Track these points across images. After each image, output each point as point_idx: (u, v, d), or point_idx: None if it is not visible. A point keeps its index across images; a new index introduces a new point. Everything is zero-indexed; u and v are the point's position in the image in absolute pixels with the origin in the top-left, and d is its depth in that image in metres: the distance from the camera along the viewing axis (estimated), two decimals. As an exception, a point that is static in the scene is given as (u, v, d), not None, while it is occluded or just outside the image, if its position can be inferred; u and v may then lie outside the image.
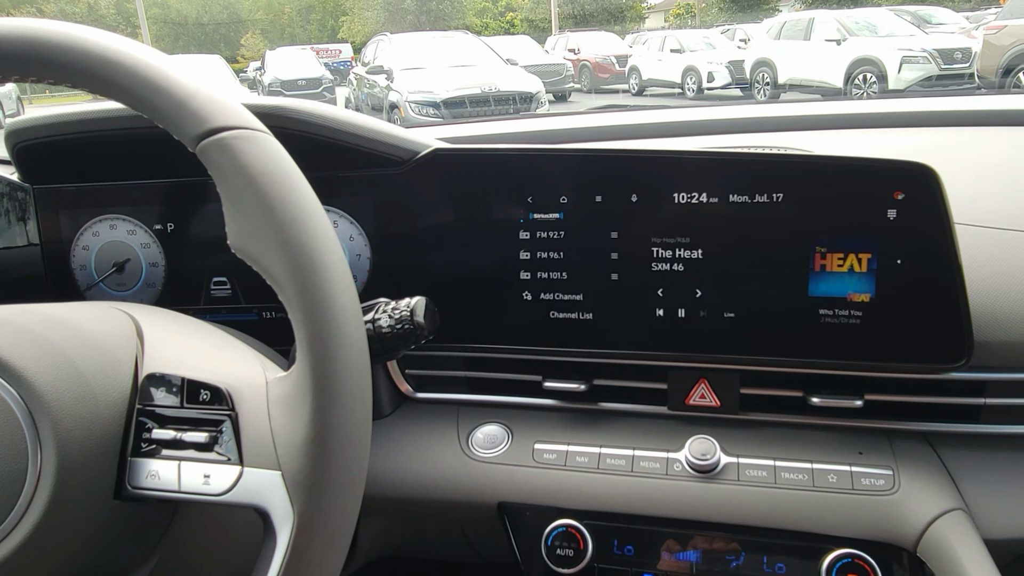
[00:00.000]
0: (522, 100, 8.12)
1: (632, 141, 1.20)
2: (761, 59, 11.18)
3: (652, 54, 13.61)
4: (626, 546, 0.75)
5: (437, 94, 7.93)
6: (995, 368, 0.71)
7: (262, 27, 38.19)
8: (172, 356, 0.55)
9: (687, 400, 0.79)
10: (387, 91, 8.50)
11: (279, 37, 35.54)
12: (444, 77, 8.20)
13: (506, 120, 1.38)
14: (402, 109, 8.01)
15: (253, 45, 33.78)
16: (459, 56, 9.05)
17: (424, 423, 0.85)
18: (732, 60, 12.04)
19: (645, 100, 13.06)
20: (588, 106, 11.39)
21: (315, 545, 0.46)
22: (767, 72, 10.99)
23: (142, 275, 0.88)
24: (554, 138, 1.22)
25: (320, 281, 0.47)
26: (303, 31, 38.14)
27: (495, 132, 1.27)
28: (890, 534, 0.69)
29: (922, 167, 0.66)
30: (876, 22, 9.98)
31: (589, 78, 15.11)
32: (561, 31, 19.24)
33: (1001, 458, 0.73)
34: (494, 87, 8.12)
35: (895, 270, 0.69)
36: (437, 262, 0.82)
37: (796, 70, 10.44)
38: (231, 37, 36.42)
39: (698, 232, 0.74)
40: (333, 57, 23.27)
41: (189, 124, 0.49)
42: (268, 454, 0.47)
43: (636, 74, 13.94)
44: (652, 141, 1.20)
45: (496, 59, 9.18)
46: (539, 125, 1.31)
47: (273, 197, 0.48)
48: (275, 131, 0.52)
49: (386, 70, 8.75)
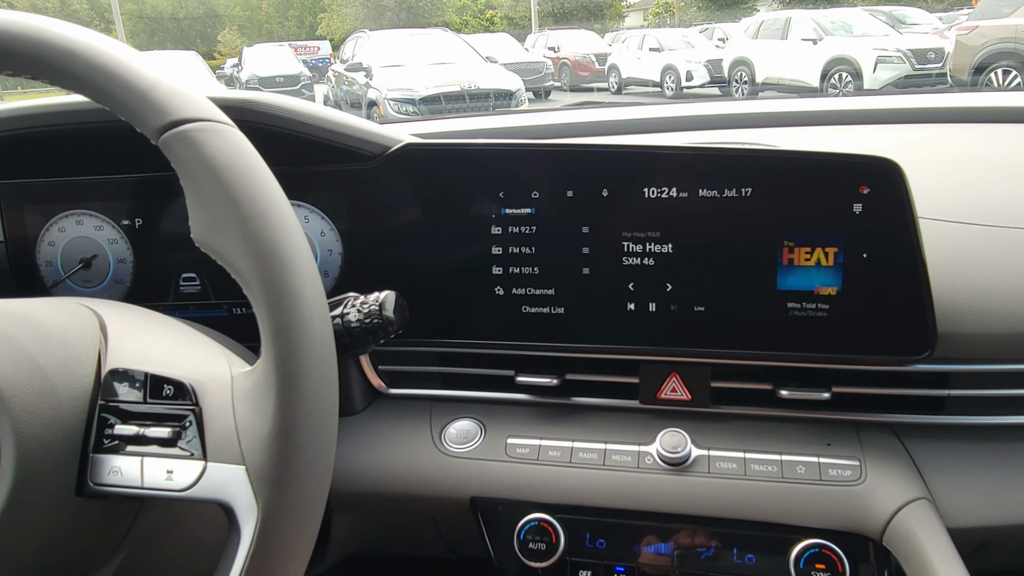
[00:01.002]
0: (502, 98, 8.12)
1: (608, 137, 1.21)
2: (739, 58, 11.26)
3: (631, 53, 13.66)
4: (598, 539, 0.75)
5: (416, 92, 7.90)
6: (958, 360, 0.72)
7: (239, 23, 37.80)
8: (136, 351, 0.54)
9: (659, 394, 0.80)
10: (366, 89, 8.46)
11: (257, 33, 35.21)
12: (423, 75, 8.17)
13: (482, 116, 1.38)
14: (381, 107, 7.97)
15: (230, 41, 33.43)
16: (438, 54, 9.03)
17: (397, 419, 0.85)
18: (710, 59, 12.12)
19: (624, 98, 13.11)
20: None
21: (280, 540, 0.45)
22: (745, 71, 11.08)
23: (110, 271, 0.87)
24: (530, 134, 1.23)
25: (285, 275, 0.47)
26: (281, 27, 37.80)
27: (471, 128, 1.27)
28: (856, 524, 0.70)
29: (887, 162, 0.67)
30: (852, 22, 10.11)
31: (569, 76, 15.13)
32: (541, 29, 19.24)
33: (965, 448, 0.74)
34: (474, 85, 8.11)
35: (861, 264, 0.70)
36: (409, 257, 0.82)
37: (773, 69, 10.54)
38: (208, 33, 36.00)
39: (668, 226, 0.74)
40: (311, 54, 23.09)
41: (151, 116, 0.49)
42: (232, 449, 0.47)
43: (616, 72, 13.99)
44: (627, 137, 1.20)
45: (476, 57, 9.17)
46: (516, 121, 1.31)
47: (237, 190, 0.48)
48: (243, 125, 0.52)
49: (365, 67, 8.71)
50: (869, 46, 9.28)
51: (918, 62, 8.98)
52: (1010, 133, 1.11)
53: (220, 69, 19.33)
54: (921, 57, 9.00)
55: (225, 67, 19.53)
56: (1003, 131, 1.12)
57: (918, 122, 1.19)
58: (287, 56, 15.06)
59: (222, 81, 15.26)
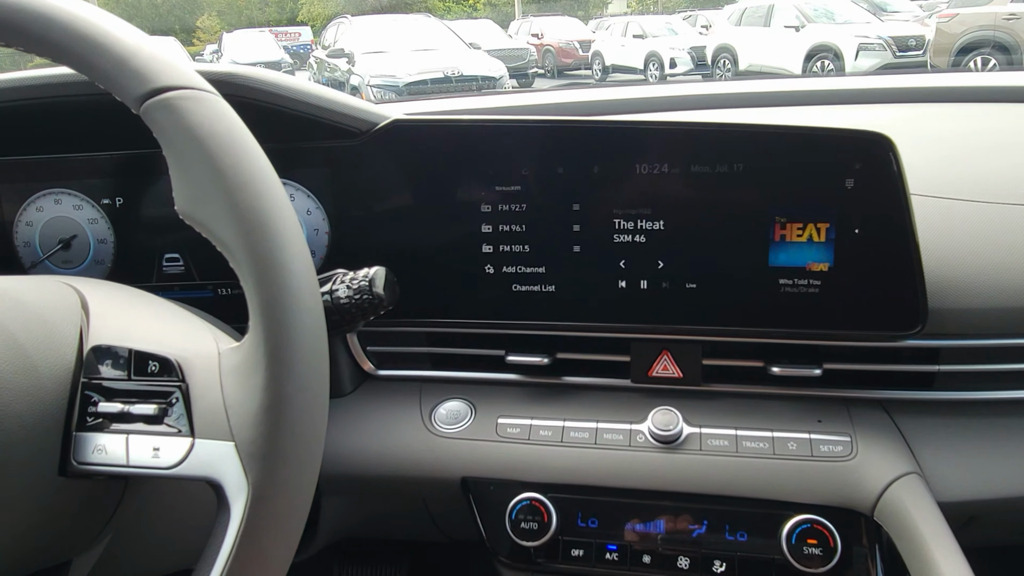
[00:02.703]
0: (485, 84, 8.07)
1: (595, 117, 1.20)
2: (722, 45, 11.27)
3: (615, 39, 13.62)
4: (590, 518, 0.75)
5: (399, 78, 7.83)
6: (948, 335, 0.73)
7: (219, 8, 37.22)
8: (119, 328, 0.53)
9: (650, 372, 0.79)
10: (348, 75, 8.38)
11: (236, 19, 34.70)
12: (406, 61, 8.10)
13: (469, 97, 1.36)
14: (364, 93, 7.90)
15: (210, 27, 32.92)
16: (421, 40, 8.95)
17: (386, 400, 0.84)
18: (694, 46, 12.11)
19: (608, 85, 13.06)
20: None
21: (270, 517, 0.44)
22: (728, 58, 11.08)
23: (90, 252, 0.85)
24: (518, 113, 1.21)
25: (272, 246, 0.46)
26: (261, 13, 37.28)
27: (458, 108, 1.26)
28: (848, 499, 0.70)
29: (879, 136, 0.67)
30: (834, 9, 10.13)
31: (553, 63, 15.07)
32: (524, 15, 19.12)
33: (955, 423, 0.74)
34: (457, 71, 8.05)
35: (853, 240, 0.70)
36: (397, 236, 0.80)
37: (756, 56, 10.56)
38: (186, 19, 35.43)
39: (659, 203, 0.74)
40: (293, 40, 22.80)
41: (131, 84, 0.47)
42: (220, 425, 0.46)
43: (599, 59, 13.94)
44: (616, 116, 1.19)
45: (459, 43, 9.10)
46: (503, 101, 1.30)
47: (222, 160, 0.46)
48: (228, 99, 0.50)
49: (347, 53, 8.62)
50: (851, 33, 9.32)
51: (899, 49, 9.04)
52: (994, 111, 1.12)
53: (199, 55, 19.05)
54: (902, 44, 9.06)
55: (204, 53, 19.26)
56: (987, 109, 1.13)
57: (903, 101, 1.19)
58: (268, 42, 14.90)
59: (201, 67, 15.01)
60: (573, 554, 0.74)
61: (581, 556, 0.74)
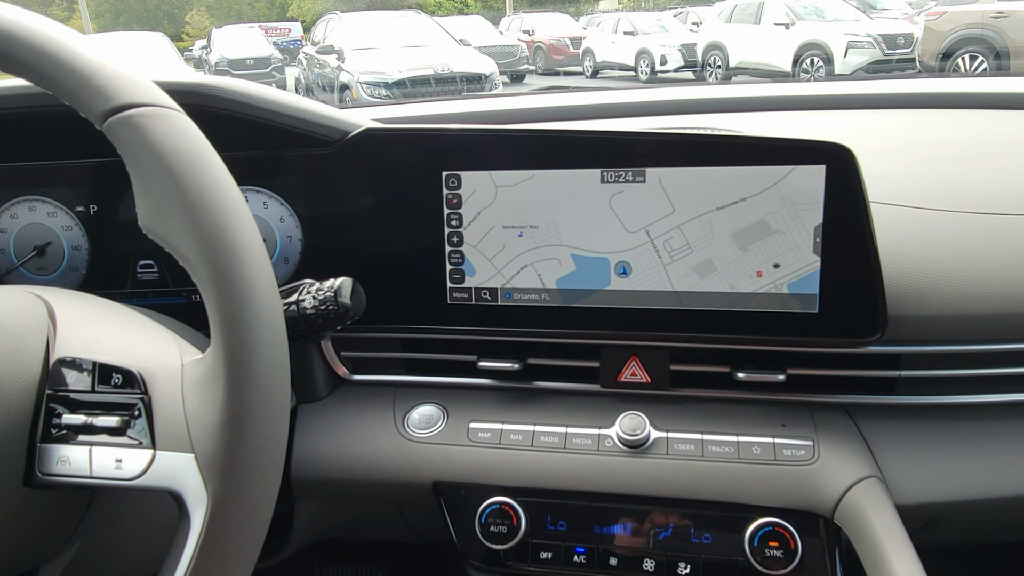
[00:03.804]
0: (475, 81, 8.06)
1: (575, 123, 1.21)
2: (713, 42, 11.29)
3: (606, 36, 13.63)
4: (559, 521, 0.76)
5: (389, 75, 7.81)
6: (908, 341, 0.74)
7: (208, 4, 36.98)
8: (85, 340, 0.54)
9: (619, 377, 0.81)
10: (338, 71, 8.34)
11: (226, 14, 34.49)
12: (396, 58, 8.07)
13: (452, 100, 1.37)
14: (353, 90, 7.88)
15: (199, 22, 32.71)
16: (411, 36, 8.93)
17: (360, 405, 0.85)
18: (684, 43, 12.14)
19: (598, 82, 13.09)
20: (555, 85, 11.32)
21: (230, 527, 0.45)
22: (719, 55, 11.11)
23: (64, 259, 0.85)
24: (501, 119, 1.22)
25: (233, 261, 0.47)
26: (251, 8, 37.07)
27: (440, 112, 1.27)
28: (809, 502, 0.71)
29: (840, 148, 0.68)
30: (823, 6, 10.17)
31: (543, 60, 15.07)
32: (515, 12, 19.11)
33: (915, 427, 0.76)
34: (447, 68, 8.03)
35: (816, 249, 0.71)
36: (370, 243, 0.81)
37: (746, 54, 10.59)
38: (175, 14, 35.20)
39: None
40: (282, 36, 22.69)
41: (95, 101, 0.48)
42: (181, 437, 0.47)
43: (590, 56, 13.95)
44: (594, 122, 1.20)
45: (449, 40, 9.08)
46: (486, 105, 1.31)
47: (183, 177, 0.47)
48: (198, 110, 0.51)
49: (337, 50, 8.58)
50: (840, 31, 9.35)
51: (888, 47, 9.08)
52: (968, 118, 1.13)
53: (188, 51, 18.92)
54: (891, 42, 9.10)
55: (194, 49, 19.11)
56: (950, 116, 1.15)
57: (881, 107, 1.21)
58: (257, 38, 14.78)
59: (190, 63, 14.95)
60: (542, 557, 0.75)
61: (550, 559, 0.75)
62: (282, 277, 0.85)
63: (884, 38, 9.13)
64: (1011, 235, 0.76)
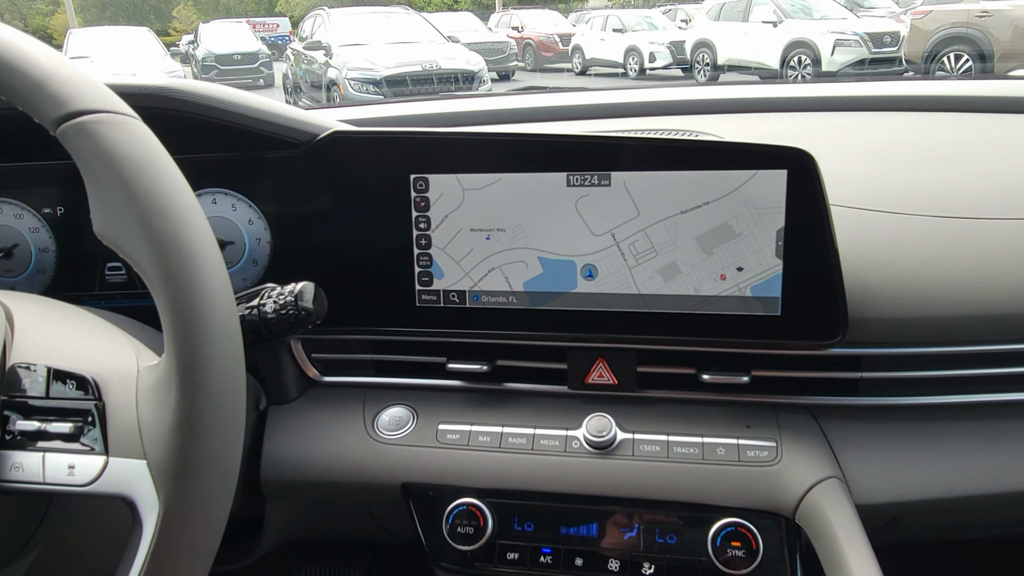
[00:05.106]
0: (464, 78, 8.05)
1: (549, 124, 1.21)
2: (701, 40, 11.32)
3: (595, 33, 13.64)
4: (526, 522, 0.77)
5: (377, 71, 7.79)
6: (870, 344, 0.75)
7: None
8: (42, 345, 0.53)
9: (586, 379, 0.81)
10: (326, 68, 8.31)
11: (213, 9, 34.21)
12: (384, 54, 8.05)
13: (432, 100, 1.38)
14: (341, 86, 7.84)
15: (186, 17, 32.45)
16: (400, 33, 8.90)
17: (330, 407, 0.85)
18: (673, 41, 12.16)
19: (587, 80, 13.09)
20: (532, 85, 11.29)
21: (181, 533, 0.45)
22: (707, 53, 11.14)
23: (32, 261, 0.85)
24: (481, 119, 1.23)
25: (186, 267, 0.47)
26: (239, 3, 36.79)
27: (419, 113, 1.27)
28: (771, 503, 0.72)
29: (801, 153, 0.69)
30: (811, 4, 10.22)
31: (533, 57, 15.06)
32: (505, 8, 19.08)
33: (877, 428, 0.77)
34: (436, 65, 8.02)
35: (777, 252, 0.72)
36: (339, 245, 0.82)
37: (735, 51, 10.62)
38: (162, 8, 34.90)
39: None
40: (270, 31, 22.58)
41: (47, 107, 0.48)
42: (134, 443, 0.47)
43: (579, 53, 13.96)
44: (569, 124, 1.21)
45: (438, 36, 9.06)
46: (466, 106, 1.31)
47: (136, 184, 0.47)
48: (165, 113, 0.51)
49: (324, 46, 8.54)
50: (827, 29, 9.41)
51: (874, 46, 9.14)
52: (933, 121, 1.15)
53: (175, 46, 18.75)
54: (877, 41, 9.16)
55: (180, 44, 18.97)
56: (927, 120, 1.16)
57: (853, 110, 1.22)
58: (245, 33, 14.69)
59: (177, 59, 14.81)
60: (508, 557, 0.76)
61: (516, 559, 0.76)
62: (251, 279, 0.85)
63: (871, 36, 9.19)
64: (971, 239, 0.77)
